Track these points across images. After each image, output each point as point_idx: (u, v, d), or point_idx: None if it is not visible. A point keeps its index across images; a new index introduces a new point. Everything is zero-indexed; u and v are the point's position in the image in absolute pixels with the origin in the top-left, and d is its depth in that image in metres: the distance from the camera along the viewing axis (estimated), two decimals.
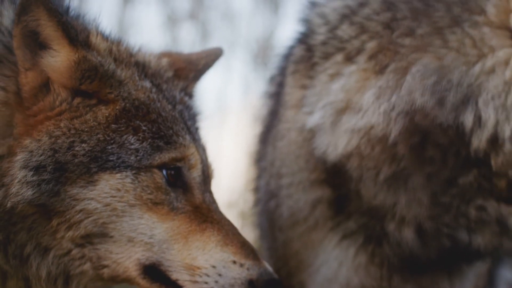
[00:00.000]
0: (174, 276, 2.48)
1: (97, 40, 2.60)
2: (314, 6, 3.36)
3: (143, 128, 2.51)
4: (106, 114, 2.49)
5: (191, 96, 2.97)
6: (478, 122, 2.94)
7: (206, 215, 2.56)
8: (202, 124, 2.91)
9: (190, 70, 3.00)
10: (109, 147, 2.45)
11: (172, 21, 8.24)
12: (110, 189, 2.43)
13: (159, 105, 2.60)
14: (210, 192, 2.67)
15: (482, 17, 2.99)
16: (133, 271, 2.49)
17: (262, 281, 2.49)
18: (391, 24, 3.12)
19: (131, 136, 2.48)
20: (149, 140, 2.50)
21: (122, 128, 2.48)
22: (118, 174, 2.44)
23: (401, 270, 3.14)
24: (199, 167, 2.62)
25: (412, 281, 3.17)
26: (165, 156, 2.52)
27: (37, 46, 2.45)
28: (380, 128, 3.03)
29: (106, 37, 2.71)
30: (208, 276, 2.46)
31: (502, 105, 2.91)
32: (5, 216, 2.41)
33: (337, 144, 3.12)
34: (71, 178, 2.41)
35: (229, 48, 8.05)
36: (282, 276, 2.89)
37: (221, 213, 2.61)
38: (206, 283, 2.46)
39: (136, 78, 2.61)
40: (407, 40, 3.06)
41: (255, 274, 2.49)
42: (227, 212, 2.79)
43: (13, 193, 2.38)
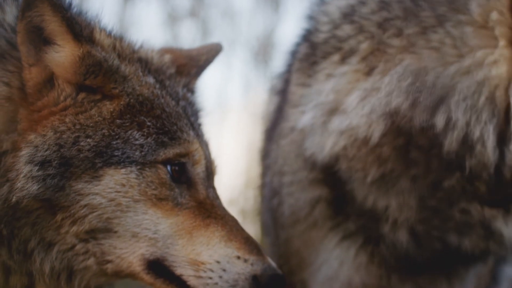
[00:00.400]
0: (178, 271, 2.52)
1: (100, 36, 2.64)
2: (321, 3, 3.38)
3: (148, 123, 2.55)
4: (111, 109, 2.53)
5: (193, 92, 3.01)
6: (449, 123, 2.94)
7: (210, 210, 2.60)
8: (204, 121, 2.96)
9: (192, 66, 3.04)
10: (114, 142, 2.48)
11: (172, 19, 8.28)
12: (115, 184, 2.47)
13: (163, 101, 2.64)
14: (214, 188, 2.71)
15: (466, 16, 3.00)
16: (137, 266, 2.53)
17: (266, 276, 2.53)
18: (383, 24, 3.14)
19: (136, 132, 2.52)
20: (153, 136, 2.54)
21: (127, 124, 2.52)
22: (123, 170, 2.48)
23: (398, 270, 3.17)
24: (203, 162, 2.66)
25: (410, 281, 3.20)
26: (169, 152, 2.56)
27: (41, 41, 2.49)
28: (362, 130, 3.07)
29: (109, 33, 2.75)
30: (212, 271, 2.50)
31: (473, 106, 2.91)
32: (10, 211, 2.45)
33: (325, 145, 3.16)
34: (76, 173, 2.45)
35: (229, 46, 8.09)
36: (283, 273, 2.93)
37: (224, 208, 2.66)
38: (211, 278, 2.50)
39: (140, 74, 2.65)
40: (396, 41, 3.08)
41: (259, 269, 2.53)
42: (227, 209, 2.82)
43: (18, 188, 2.42)
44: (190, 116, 2.74)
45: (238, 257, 2.53)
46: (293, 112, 3.34)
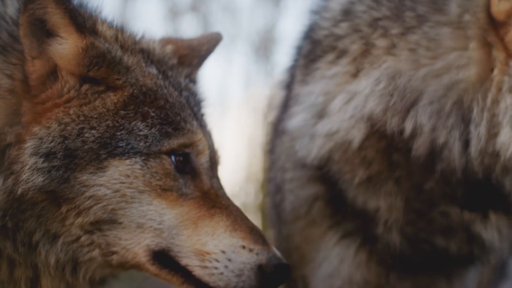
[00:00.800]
0: (183, 261, 2.57)
1: (103, 27, 2.69)
2: None
3: (152, 114, 2.59)
4: (115, 101, 2.57)
5: (195, 82, 3.05)
6: (416, 128, 2.94)
7: (215, 200, 2.64)
8: (206, 111, 2.99)
9: (193, 56, 3.08)
10: (118, 133, 2.53)
11: (173, 14, 8.31)
12: (120, 175, 2.51)
13: (166, 91, 2.68)
14: (217, 178, 2.76)
15: (444, 17, 2.99)
16: (142, 257, 2.58)
17: (271, 265, 2.57)
18: (373, 23, 3.14)
19: (140, 122, 2.56)
20: (157, 126, 2.58)
21: (131, 114, 2.57)
22: (128, 160, 2.52)
23: (396, 269, 3.19)
24: (206, 152, 2.71)
25: (408, 280, 3.22)
26: (173, 142, 2.60)
27: (44, 34, 2.53)
28: (344, 134, 3.09)
29: (111, 24, 2.79)
30: (217, 261, 2.55)
31: (440, 110, 2.91)
32: (15, 204, 2.49)
33: (312, 149, 3.18)
34: (81, 164, 2.49)
35: (230, 41, 8.12)
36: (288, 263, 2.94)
37: (228, 198, 2.70)
38: (216, 268, 2.55)
39: (143, 64, 2.69)
40: (381, 42, 3.09)
41: (264, 259, 2.57)
42: None
43: (24, 180, 2.46)
44: (193, 106, 2.78)
45: (243, 247, 2.57)
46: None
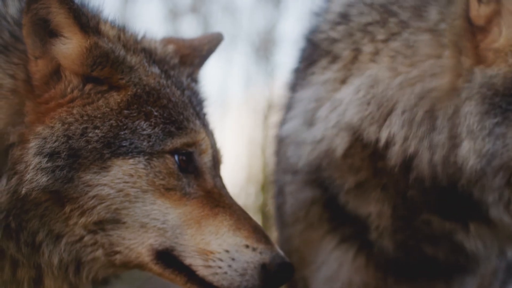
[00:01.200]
0: (187, 261, 2.60)
1: (105, 26, 2.73)
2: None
3: (155, 113, 2.63)
4: (118, 100, 2.61)
5: (197, 81, 3.09)
6: (389, 138, 2.97)
7: (218, 199, 2.68)
8: (208, 111, 3.03)
9: (195, 56, 3.12)
10: (122, 132, 2.56)
11: (173, 15, 8.35)
12: (123, 175, 2.55)
13: (168, 90, 2.72)
14: (220, 177, 2.80)
15: (424, 23, 3.00)
16: (146, 256, 2.61)
17: (275, 264, 2.61)
18: (364, 28, 3.15)
19: (143, 122, 2.60)
20: (160, 126, 2.62)
21: (134, 114, 2.60)
22: (131, 160, 2.56)
23: (394, 273, 3.21)
24: (209, 152, 2.75)
25: (406, 284, 3.23)
26: (176, 142, 2.64)
27: (47, 33, 2.56)
28: (328, 142, 3.11)
29: (112, 24, 2.83)
30: (221, 260, 2.58)
31: (412, 120, 2.93)
32: (18, 204, 2.52)
33: (301, 156, 3.21)
34: (85, 164, 2.53)
35: (230, 42, 8.17)
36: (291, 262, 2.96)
37: (231, 197, 2.74)
38: (220, 267, 2.58)
39: (145, 64, 2.73)
40: (368, 48, 3.10)
41: (268, 258, 2.61)
42: None
43: (28, 180, 2.50)
44: (195, 106, 2.82)
45: (247, 246, 2.61)
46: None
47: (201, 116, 2.83)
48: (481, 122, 2.82)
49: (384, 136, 2.98)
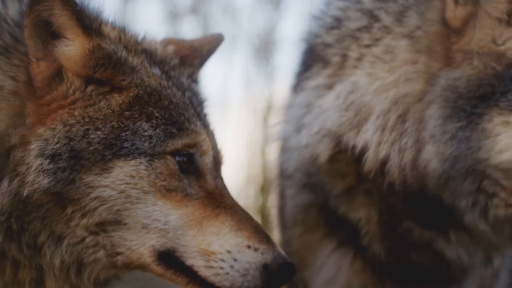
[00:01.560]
0: (189, 261, 2.63)
1: (107, 28, 2.75)
2: (328, 2, 3.33)
3: (156, 114, 2.65)
4: (120, 102, 2.63)
5: (197, 82, 3.11)
6: (365, 143, 2.99)
7: (219, 200, 2.70)
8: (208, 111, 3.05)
9: (195, 56, 3.14)
10: (123, 134, 2.59)
11: (173, 16, 8.38)
12: (125, 176, 2.57)
13: (169, 91, 2.75)
14: (221, 178, 2.82)
15: (404, 28, 3.01)
16: (147, 257, 2.63)
17: (276, 264, 2.63)
18: (353, 33, 3.15)
19: (144, 123, 2.62)
20: (162, 127, 2.64)
21: (136, 115, 2.63)
22: (132, 161, 2.58)
23: (390, 277, 3.23)
24: (210, 153, 2.77)
25: (403, 287, 3.24)
26: (178, 143, 2.66)
27: (49, 35, 2.58)
28: (313, 149, 3.14)
29: (113, 25, 2.85)
30: (223, 261, 2.61)
31: (384, 125, 2.94)
32: (20, 206, 2.54)
33: (291, 161, 3.25)
34: (86, 165, 2.55)
35: (230, 43, 8.20)
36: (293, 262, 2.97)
37: (233, 198, 2.77)
38: (222, 268, 2.61)
39: (147, 65, 2.76)
40: (354, 53, 3.11)
41: (269, 258, 2.63)
42: None
43: (29, 182, 2.52)
44: (196, 107, 2.85)
45: (249, 246, 2.63)
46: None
47: (202, 117, 2.86)
48: (444, 126, 2.83)
49: (360, 141, 2.99)
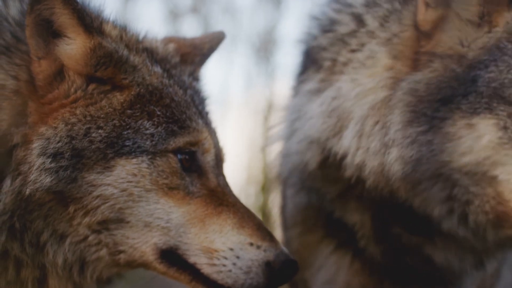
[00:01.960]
0: (191, 259, 2.64)
1: (108, 26, 2.76)
2: (328, 2, 3.30)
3: (158, 113, 2.66)
4: (121, 100, 2.64)
5: (198, 80, 3.12)
6: (344, 149, 2.99)
7: (222, 198, 2.72)
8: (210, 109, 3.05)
9: (196, 54, 3.15)
10: (125, 132, 2.60)
11: (174, 16, 8.39)
12: (127, 174, 2.58)
13: (171, 90, 2.75)
14: (223, 176, 2.83)
15: (387, 33, 3.01)
16: (150, 255, 2.64)
17: (279, 262, 2.64)
18: (343, 37, 3.14)
19: (146, 121, 2.63)
20: (163, 125, 2.65)
21: (137, 114, 2.64)
22: (134, 159, 2.59)
23: (388, 277, 3.23)
24: (212, 151, 2.78)
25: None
26: (179, 141, 2.67)
27: (50, 34, 2.59)
28: (302, 156, 3.15)
29: (114, 24, 2.86)
30: (226, 258, 2.62)
31: (362, 131, 2.94)
32: (22, 204, 2.55)
33: (283, 165, 3.28)
34: (88, 164, 2.56)
35: (231, 42, 8.20)
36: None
37: (235, 196, 2.78)
38: (224, 265, 2.62)
39: (148, 63, 2.77)
40: (342, 57, 3.09)
41: (272, 255, 2.64)
42: None
43: (32, 181, 2.53)
44: (197, 105, 2.85)
45: (251, 244, 2.64)
46: None
47: (203, 115, 2.86)
48: (404, 131, 2.84)
49: (341, 147, 2.99)
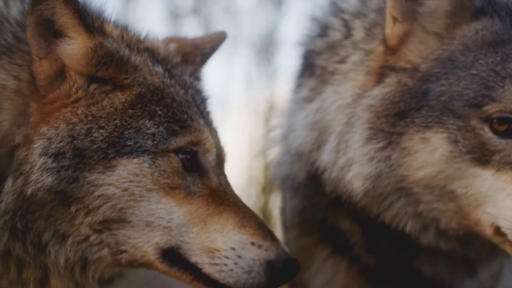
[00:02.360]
0: (193, 259, 2.64)
1: (109, 26, 2.76)
2: (329, 4, 3.27)
3: (159, 112, 2.66)
4: (123, 100, 2.64)
5: (199, 80, 3.12)
6: (323, 163, 2.98)
7: (223, 197, 2.72)
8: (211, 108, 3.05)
9: (197, 54, 3.15)
10: (126, 132, 2.60)
11: (174, 17, 8.39)
12: (128, 174, 2.58)
13: (172, 89, 2.76)
14: (225, 175, 2.84)
15: (370, 45, 2.99)
16: (151, 255, 2.65)
17: (280, 261, 2.65)
18: (333, 45, 3.11)
19: (147, 121, 2.63)
20: (165, 125, 2.66)
21: (139, 113, 2.64)
22: (136, 159, 2.60)
23: (385, 283, 3.22)
24: (213, 151, 2.79)
25: None
26: (180, 140, 2.67)
27: (52, 34, 2.60)
28: (289, 167, 3.16)
29: (116, 23, 2.86)
30: (227, 258, 2.62)
31: (337, 146, 2.94)
32: (24, 205, 2.55)
33: (275, 173, 3.29)
34: (90, 164, 2.56)
35: (232, 43, 8.19)
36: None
37: (236, 195, 2.78)
38: (226, 265, 2.62)
39: (149, 63, 2.77)
40: (331, 67, 3.06)
41: (273, 254, 2.65)
42: None
43: (33, 181, 2.53)
44: (199, 105, 2.86)
45: (253, 243, 2.64)
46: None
47: (205, 115, 2.87)
48: (363, 148, 2.85)
49: (322, 162, 2.99)
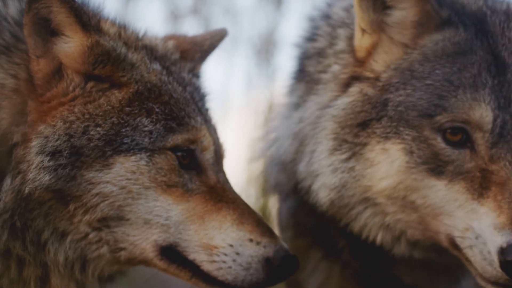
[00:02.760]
0: (191, 256, 2.64)
1: (106, 24, 2.76)
2: (324, 7, 3.25)
3: (156, 110, 2.66)
4: (120, 98, 2.64)
5: (198, 77, 3.11)
6: (301, 174, 2.98)
7: (221, 194, 2.72)
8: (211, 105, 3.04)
9: (196, 51, 3.14)
10: (123, 130, 2.60)
11: (174, 17, 8.38)
12: (126, 172, 2.58)
13: (170, 87, 2.75)
14: (223, 172, 2.83)
15: (347, 55, 2.97)
16: (150, 252, 2.65)
17: (279, 258, 2.65)
18: (319, 53, 3.09)
19: (144, 119, 2.63)
20: (162, 122, 2.65)
21: (136, 111, 2.64)
22: (133, 157, 2.60)
23: (378, 286, 3.21)
24: (211, 148, 2.78)
25: None
26: (177, 138, 2.67)
27: (48, 33, 2.60)
28: (276, 176, 3.17)
29: (113, 22, 2.86)
30: (226, 255, 2.62)
31: (311, 157, 2.94)
32: (23, 203, 2.56)
33: (267, 178, 3.29)
34: (87, 162, 2.56)
35: (231, 43, 8.18)
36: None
37: (235, 192, 2.78)
38: (224, 262, 2.62)
39: (147, 61, 2.77)
40: (316, 76, 3.05)
41: (272, 251, 2.65)
42: None
43: (31, 179, 2.53)
44: (197, 102, 2.85)
45: (251, 240, 2.64)
46: None
47: (203, 112, 2.86)
48: (327, 159, 2.86)
49: (301, 172, 2.99)
